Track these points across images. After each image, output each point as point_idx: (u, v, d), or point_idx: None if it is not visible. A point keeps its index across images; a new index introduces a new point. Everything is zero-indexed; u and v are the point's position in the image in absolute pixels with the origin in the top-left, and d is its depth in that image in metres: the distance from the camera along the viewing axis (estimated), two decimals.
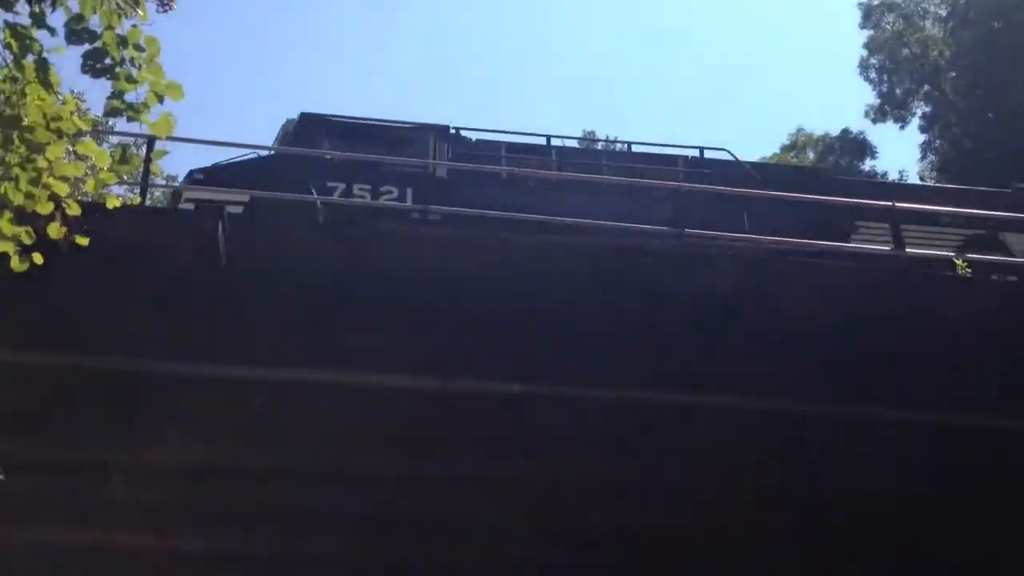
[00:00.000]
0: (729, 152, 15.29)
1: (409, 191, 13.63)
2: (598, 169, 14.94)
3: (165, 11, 11.42)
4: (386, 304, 9.53)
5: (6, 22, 5.29)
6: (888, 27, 40.24)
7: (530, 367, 9.76)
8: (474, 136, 15.09)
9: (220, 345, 9.30)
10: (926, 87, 39.59)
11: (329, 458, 9.57)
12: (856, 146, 41.26)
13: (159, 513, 9.35)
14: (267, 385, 9.42)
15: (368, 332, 9.45)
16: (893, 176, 41.10)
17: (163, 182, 23.58)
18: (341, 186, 13.17)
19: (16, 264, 5.16)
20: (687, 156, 15.38)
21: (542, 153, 14.96)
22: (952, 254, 12.54)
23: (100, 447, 9.20)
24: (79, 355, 9.06)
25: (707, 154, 15.31)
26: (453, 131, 14.82)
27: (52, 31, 5.48)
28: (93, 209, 5.20)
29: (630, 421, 10.04)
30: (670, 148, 15.62)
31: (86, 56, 5.31)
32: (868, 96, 40.61)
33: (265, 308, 9.37)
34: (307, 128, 13.92)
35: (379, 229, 11.30)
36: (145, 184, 11.57)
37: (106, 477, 9.23)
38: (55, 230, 5.10)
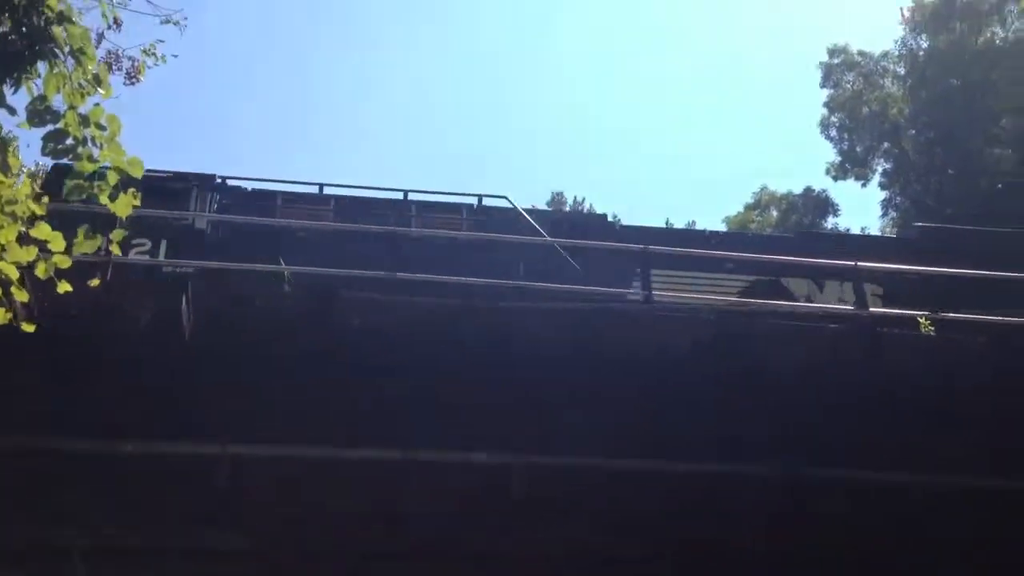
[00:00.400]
0: (508, 199, 15.41)
1: (163, 243, 13.29)
2: (379, 219, 14.14)
3: (132, 84, 11.32)
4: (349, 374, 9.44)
5: None
6: (848, 86, 40.91)
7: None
8: (249, 185, 14.77)
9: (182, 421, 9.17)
10: (886, 144, 40.19)
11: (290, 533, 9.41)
12: (819, 204, 41.77)
13: None
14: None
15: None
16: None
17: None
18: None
19: None
20: (470, 205, 15.46)
21: (317, 202, 14.77)
22: (917, 313, 12.57)
23: (61, 529, 9.01)
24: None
25: (486, 202, 15.44)
26: (220, 180, 14.44)
27: (12, 111, 5.44)
28: (46, 292, 5.10)
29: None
30: (451, 196, 15.68)
31: (46, 138, 5.28)
32: (829, 154, 41.23)
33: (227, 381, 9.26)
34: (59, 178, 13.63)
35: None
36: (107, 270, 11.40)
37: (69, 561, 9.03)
38: (1, 316, 5.00)
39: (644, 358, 9.92)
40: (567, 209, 55.53)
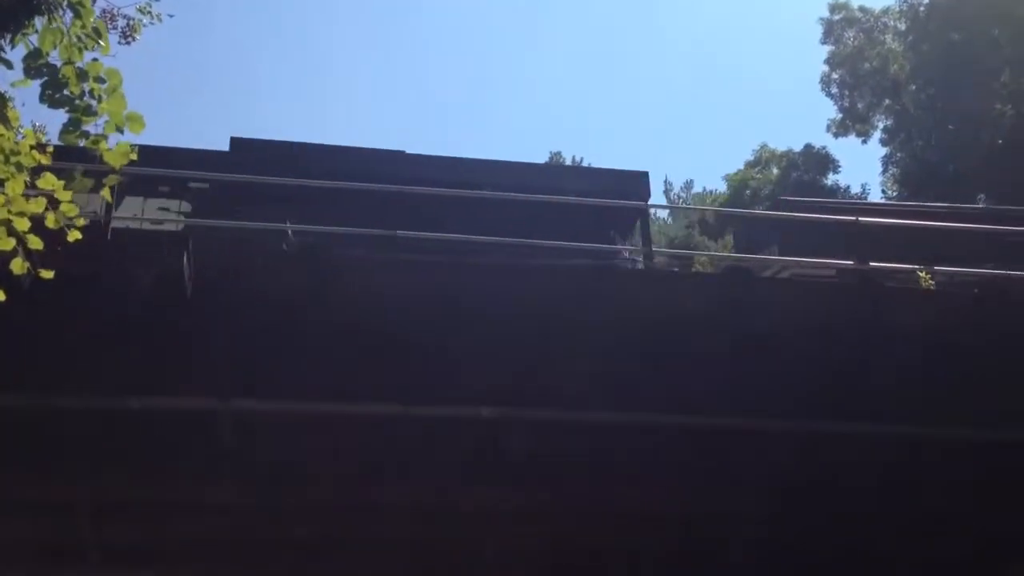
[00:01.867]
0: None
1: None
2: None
3: (127, 43, 11.29)
4: (348, 331, 9.46)
5: None
6: (849, 42, 40.71)
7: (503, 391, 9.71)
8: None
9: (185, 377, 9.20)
10: (887, 101, 40.05)
11: (293, 489, 9.49)
12: (819, 161, 41.68)
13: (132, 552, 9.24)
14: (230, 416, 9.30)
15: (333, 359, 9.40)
16: (856, 190, 41.55)
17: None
18: None
19: None
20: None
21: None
22: (917, 266, 12.59)
23: (67, 486, 9.08)
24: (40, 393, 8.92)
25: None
26: None
27: (9, 65, 5.43)
28: (55, 243, 5.11)
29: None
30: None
31: (44, 86, 5.26)
32: (830, 111, 41.10)
33: (230, 338, 9.28)
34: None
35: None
36: (108, 217, 11.49)
37: (75, 517, 9.11)
38: (18, 265, 5.03)
39: (649, 314, 9.95)
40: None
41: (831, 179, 41.40)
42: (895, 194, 38.76)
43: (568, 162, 55.95)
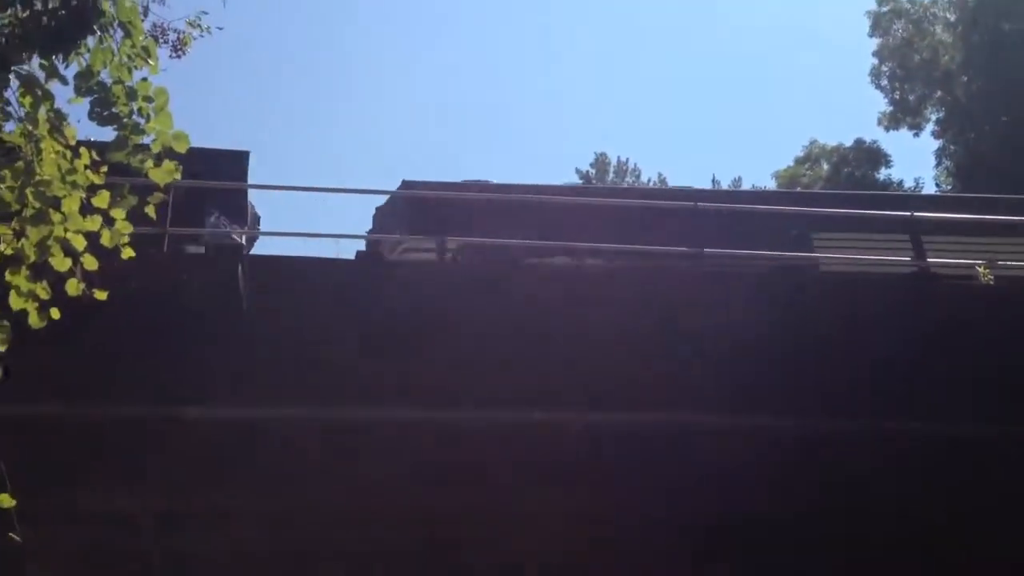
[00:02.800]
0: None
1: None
2: None
3: (178, 56, 11.43)
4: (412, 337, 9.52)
5: (18, 74, 5.29)
6: (898, 34, 40.14)
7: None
8: None
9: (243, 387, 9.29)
10: (939, 93, 39.42)
11: (358, 497, 9.53)
12: (870, 155, 41.09)
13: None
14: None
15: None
16: (909, 184, 40.96)
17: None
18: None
19: (34, 320, 5.14)
20: None
21: None
22: (977, 262, 12.37)
23: (130, 495, 9.20)
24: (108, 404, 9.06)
25: None
26: None
27: (65, 80, 5.47)
28: (110, 260, 5.17)
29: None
30: None
31: (94, 104, 5.32)
32: (880, 104, 40.51)
33: (288, 348, 9.38)
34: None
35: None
36: (164, 232, 11.57)
37: (138, 526, 9.23)
38: (73, 287, 5.08)
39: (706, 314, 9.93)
40: (612, 170, 55.40)
41: (883, 174, 40.80)
42: (949, 187, 38.15)
43: (613, 163, 55.74)
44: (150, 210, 5.23)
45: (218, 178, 12.71)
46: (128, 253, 5.13)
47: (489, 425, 9.60)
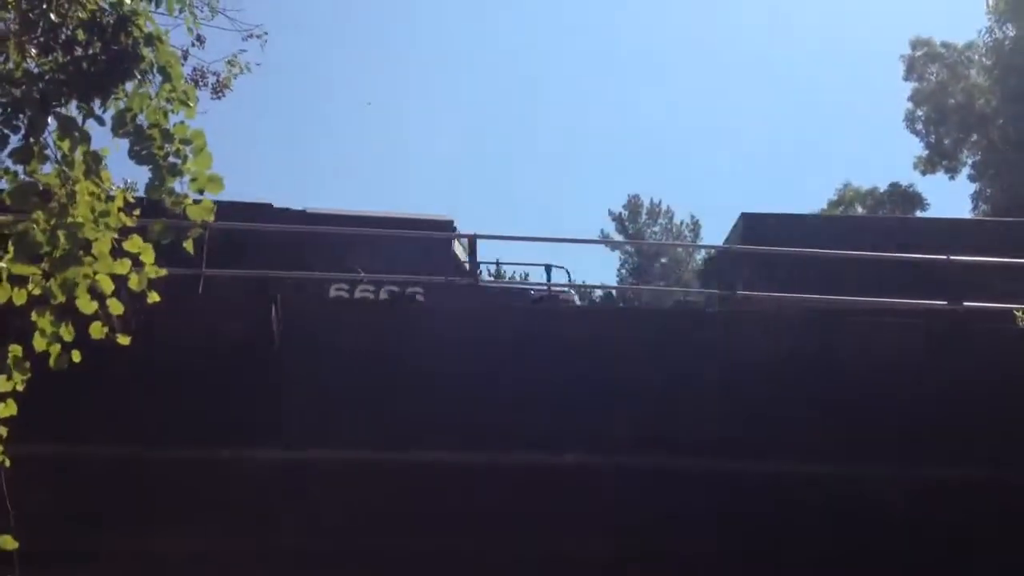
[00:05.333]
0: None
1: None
2: None
3: (219, 97, 11.58)
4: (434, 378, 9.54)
5: (56, 115, 5.35)
6: (932, 78, 40.01)
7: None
8: None
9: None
10: (974, 136, 39.19)
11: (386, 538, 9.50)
12: (906, 198, 40.85)
13: None
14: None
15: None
16: None
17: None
18: None
19: (55, 362, 5.15)
20: None
21: None
22: (1013, 306, 12.19)
23: (162, 536, 9.22)
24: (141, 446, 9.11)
25: None
26: None
27: (101, 122, 5.51)
28: (137, 303, 5.20)
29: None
30: None
31: (133, 142, 5.37)
32: (916, 148, 40.33)
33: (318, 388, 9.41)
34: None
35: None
36: (201, 274, 11.66)
37: (171, 566, 9.23)
38: (97, 331, 5.10)
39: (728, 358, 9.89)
40: (644, 212, 55.39)
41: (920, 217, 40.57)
42: None
43: (646, 205, 55.74)
44: (188, 245, 5.25)
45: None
46: (154, 298, 5.16)
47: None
